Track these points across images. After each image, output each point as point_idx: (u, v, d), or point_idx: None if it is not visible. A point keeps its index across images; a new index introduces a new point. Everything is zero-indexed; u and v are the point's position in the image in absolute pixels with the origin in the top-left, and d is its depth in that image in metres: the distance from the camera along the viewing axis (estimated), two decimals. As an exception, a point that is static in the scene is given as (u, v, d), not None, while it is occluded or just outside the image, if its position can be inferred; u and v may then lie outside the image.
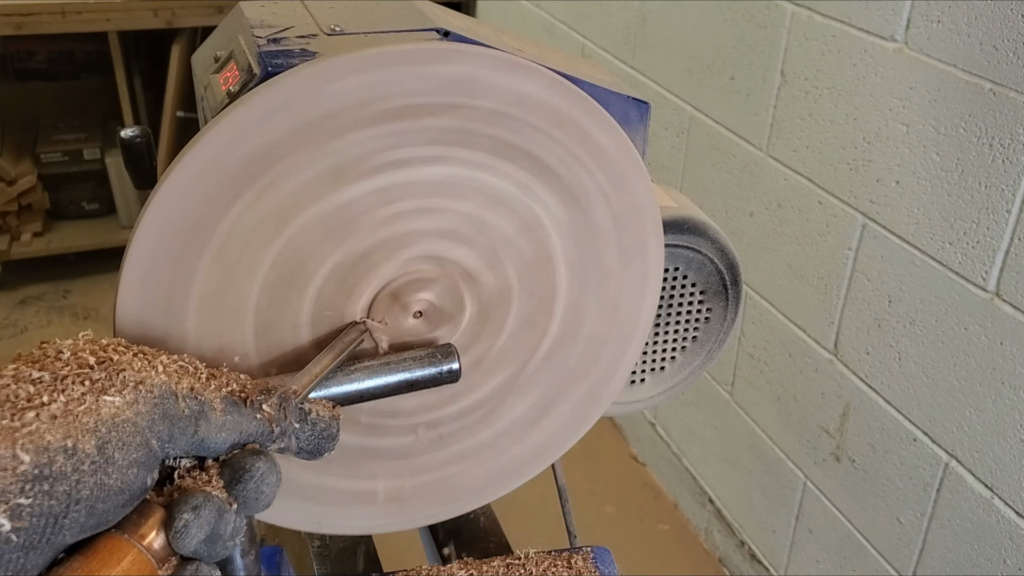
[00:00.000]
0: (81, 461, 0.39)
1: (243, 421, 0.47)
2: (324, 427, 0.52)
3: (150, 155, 0.88)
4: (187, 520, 0.42)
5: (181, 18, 2.63)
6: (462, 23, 0.66)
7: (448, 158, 0.58)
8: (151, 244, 0.53)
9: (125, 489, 0.41)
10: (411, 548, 0.95)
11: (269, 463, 0.47)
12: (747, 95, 1.66)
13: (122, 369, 0.44)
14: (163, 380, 0.45)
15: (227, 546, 0.44)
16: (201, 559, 0.44)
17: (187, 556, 0.43)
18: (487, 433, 0.70)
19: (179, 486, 0.45)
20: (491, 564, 0.72)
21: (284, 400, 0.50)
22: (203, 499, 0.43)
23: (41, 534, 0.37)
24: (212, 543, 0.44)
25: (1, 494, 0.36)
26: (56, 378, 0.42)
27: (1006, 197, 1.19)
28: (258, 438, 0.48)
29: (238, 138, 0.52)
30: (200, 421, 0.45)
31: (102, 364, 0.44)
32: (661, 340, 0.80)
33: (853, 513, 1.57)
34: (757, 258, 1.71)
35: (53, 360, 0.43)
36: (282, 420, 0.49)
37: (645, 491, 2.23)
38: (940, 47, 1.25)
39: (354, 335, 0.59)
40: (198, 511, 0.43)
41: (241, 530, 0.45)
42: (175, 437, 0.44)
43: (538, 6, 2.43)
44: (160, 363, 0.46)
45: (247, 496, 0.46)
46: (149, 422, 0.43)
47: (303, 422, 0.51)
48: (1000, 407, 1.25)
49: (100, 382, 0.43)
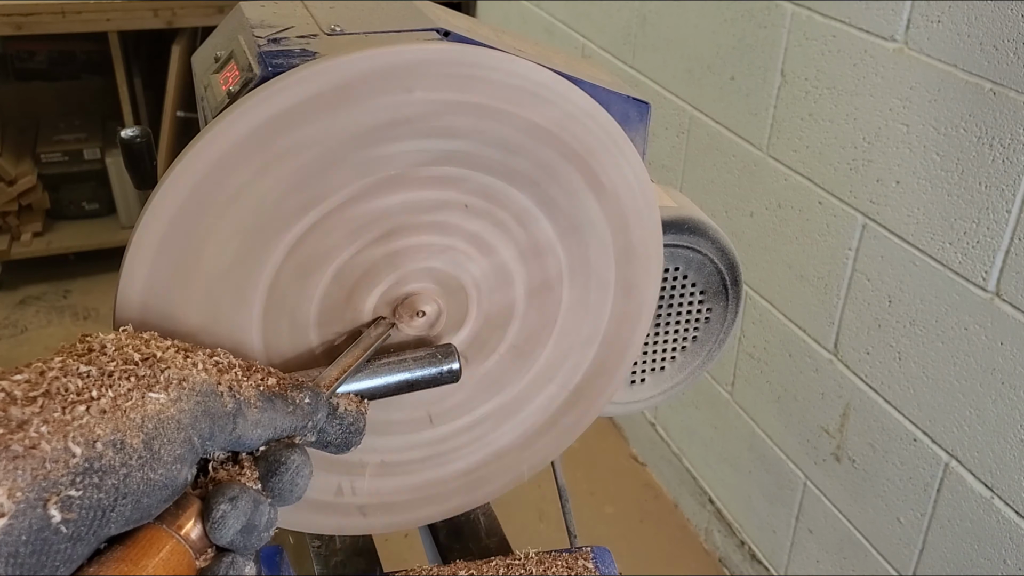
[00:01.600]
0: (129, 456, 0.40)
1: (277, 417, 0.48)
2: (352, 421, 0.53)
3: (150, 155, 0.88)
4: (224, 511, 0.43)
5: (181, 18, 2.63)
6: (462, 23, 0.66)
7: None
8: (152, 244, 0.53)
9: (168, 484, 0.42)
10: (411, 548, 0.95)
11: (303, 456, 0.48)
12: (747, 95, 1.66)
13: (166, 367, 0.44)
14: (204, 378, 0.45)
15: (261, 537, 0.45)
16: (237, 550, 0.44)
17: (223, 547, 0.44)
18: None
19: (214, 478, 0.46)
20: (491, 564, 0.72)
21: (316, 395, 0.51)
22: (240, 490, 0.44)
23: (89, 526, 0.38)
24: (248, 534, 0.44)
25: (53, 485, 0.37)
26: (103, 373, 0.43)
27: (1006, 197, 1.19)
28: (291, 432, 0.49)
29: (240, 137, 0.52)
30: (238, 418, 0.46)
31: (146, 361, 0.45)
32: (661, 340, 0.80)
33: (853, 513, 1.57)
34: (757, 258, 1.71)
35: (98, 355, 0.44)
36: (314, 414, 0.50)
37: (645, 491, 2.23)
38: (940, 47, 1.25)
39: (380, 330, 0.59)
40: (235, 502, 0.44)
41: (275, 522, 0.46)
42: (215, 434, 0.45)
43: (538, 6, 2.43)
44: (200, 359, 0.47)
45: (282, 488, 0.47)
46: (192, 419, 0.43)
47: (332, 416, 0.52)
48: (1000, 407, 1.25)
49: (146, 379, 0.43)
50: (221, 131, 0.52)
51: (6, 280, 2.90)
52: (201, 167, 0.52)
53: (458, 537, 0.82)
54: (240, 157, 0.52)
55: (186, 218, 0.53)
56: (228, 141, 0.52)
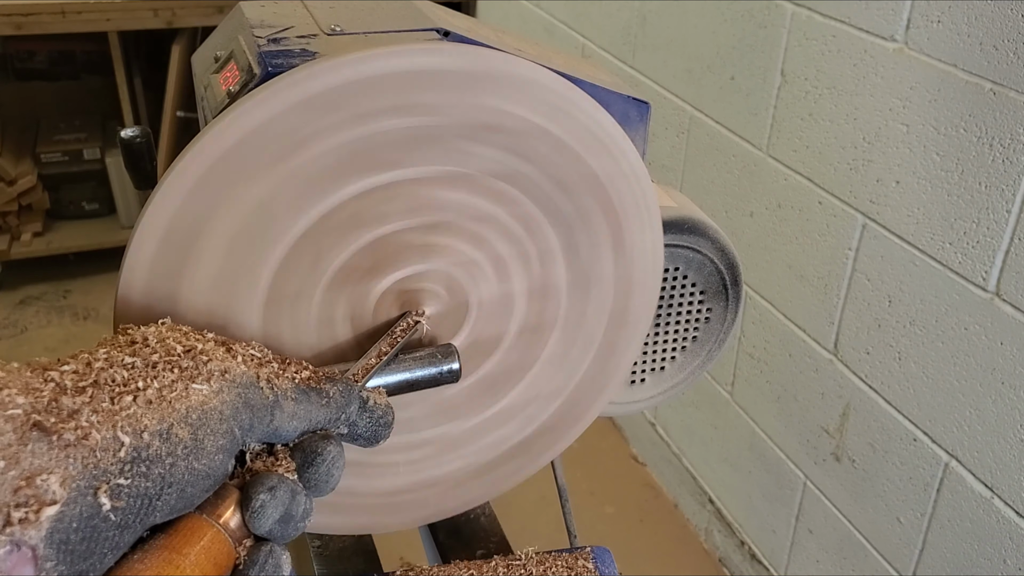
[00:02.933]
0: (175, 446, 0.41)
1: (312, 409, 0.49)
2: (381, 414, 0.54)
3: (150, 155, 0.88)
4: (263, 500, 0.44)
5: (181, 18, 2.63)
6: (462, 23, 0.66)
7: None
8: (152, 244, 0.53)
9: (211, 474, 0.43)
10: (411, 548, 0.95)
11: (338, 447, 0.49)
12: (747, 95, 1.66)
13: (208, 359, 0.45)
14: (244, 370, 0.46)
15: (298, 527, 0.46)
16: (274, 540, 0.45)
17: (261, 536, 0.45)
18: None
19: (251, 469, 0.46)
20: (491, 564, 0.72)
21: (348, 387, 0.51)
22: (278, 480, 0.45)
23: (136, 514, 0.39)
24: (285, 523, 0.45)
25: (103, 474, 0.38)
26: (147, 364, 0.44)
27: (1006, 197, 1.19)
28: (325, 424, 0.50)
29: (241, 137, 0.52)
30: (275, 410, 0.46)
31: (188, 352, 0.45)
32: (661, 340, 0.80)
33: (853, 513, 1.57)
34: (757, 258, 1.71)
35: (141, 346, 0.45)
36: (347, 407, 0.51)
37: (645, 491, 2.23)
38: (940, 47, 1.25)
39: (405, 325, 0.60)
40: (274, 491, 0.44)
41: (311, 512, 0.46)
42: (254, 425, 0.45)
43: (538, 6, 2.43)
44: (240, 352, 0.48)
45: (318, 479, 0.47)
46: (233, 411, 0.44)
47: (363, 409, 0.53)
48: (1000, 407, 1.25)
49: (189, 370, 0.44)
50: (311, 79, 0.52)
51: (6, 280, 2.90)
52: (202, 166, 0.52)
53: (458, 536, 0.82)
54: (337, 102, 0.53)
55: (190, 213, 0.53)
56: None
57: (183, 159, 0.52)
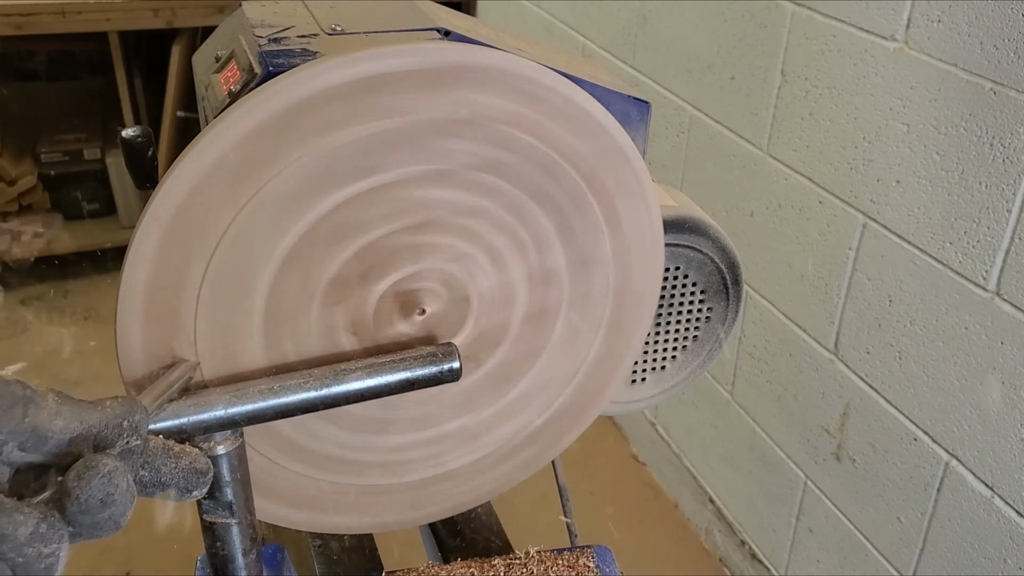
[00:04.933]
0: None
1: (81, 409, 0.42)
2: (191, 461, 0.48)
3: (151, 155, 0.88)
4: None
5: (181, 18, 2.63)
6: (463, 23, 0.67)
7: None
8: (153, 244, 0.53)
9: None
10: (411, 548, 0.95)
11: (117, 463, 0.41)
12: (747, 95, 1.66)
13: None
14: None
15: (22, 551, 0.38)
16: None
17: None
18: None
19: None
20: (492, 563, 0.72)
21: (127, 399, 0.45)
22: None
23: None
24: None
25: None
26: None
27: (1006, 196, 1.19)
28: (103, 431, 0.43)
29: (242, 137, 0.52)
30: (29, 406, 0.40)
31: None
32: (662, 339, 0.80)
33: (854, 513, 1.57)
34: (757, 257, 1.71)
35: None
36: (129, 414, 0.44)
37: (645, 491, 2.23)
38: (940, 47, 1.25)
39: (180, 372, 0.55)
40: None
41: (48, 537, 0.38)
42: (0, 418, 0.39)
43: (538, 6, 2.43)
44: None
45: (88, 498, 0.40)
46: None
47: (166, 455, 0.48)
48: (1001, 406, 1.25)
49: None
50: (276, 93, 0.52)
51: (6, 280, 2.90)
52: (202, 166, 0.52)
53: (459, 536, 0.82)
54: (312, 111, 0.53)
55: (188, 218, 0.53)
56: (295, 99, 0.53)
57: (184, 159, 0.52)
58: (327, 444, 0.65)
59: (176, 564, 1.83)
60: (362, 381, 0.57)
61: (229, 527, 0.58)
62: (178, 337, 0.56)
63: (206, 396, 0.54)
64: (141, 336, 0.55)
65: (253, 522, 0.59)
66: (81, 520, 0.40)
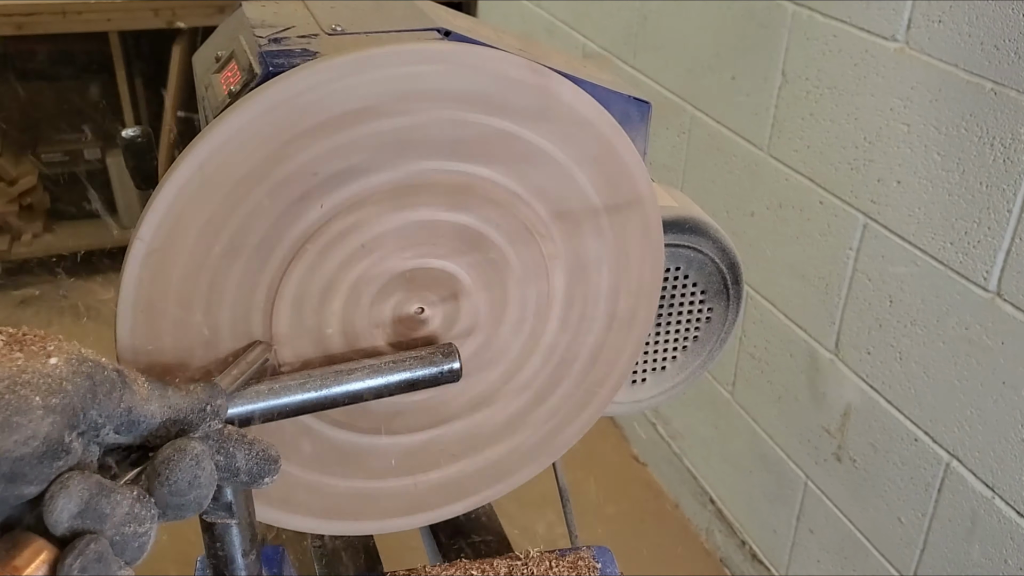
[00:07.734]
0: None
1: (169, 393, 0.45)
2: (263, 448, 0.49)
3: (151, 155, 0.88)
4: (52, 491, 0.39)
5: (182, 18, 2.63)
6: (463, 23, 0.66)
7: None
8: (154, 244, 0.53)
9: (39, 435, 0.39)
10: (412, 548, 0.95)
11: (204, 447, 0.44)
12: (748, 95, 1.66)
13: (41, 340, 0.43)
14: (81, 349, 0.43)
15: (122, 532, 0.40)
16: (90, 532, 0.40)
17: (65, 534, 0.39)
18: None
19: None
20: (492, 563, 0.72)
21: (209, 384, 0.48)
22: (77, 475, 0.40)
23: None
24: (89, 519, 0.39)
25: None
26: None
27: (1007, 197, 1.19)
28: (189, 414, 0.46)
29: (239, 137, 0.52)
30: (124, 391, 0.43)
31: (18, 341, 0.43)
32: (662, 340, 0.80)
33: (854, 513, 1.57)
34: (758, 258, 1.71)
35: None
36: (212, 399, 0.47)
37: (646, 491, 2.23)
38: (941, 47, 1.25)
39: (257, 352, 0.57)
40: (65, 483, 0.39)
41: (142, 517, 0.41)
42: (98, 397, 0.41)
43: (539, 6, 2.43)
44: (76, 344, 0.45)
45: (178, 480, 0.42)
46: (69, 373, 0.40)
47: (240, 441, 0.49)
48: (1001, 407, 1.25)
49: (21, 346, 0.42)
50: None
51: (6, 280, 2.90)
52: (203, 166, 0.52)
53: (459, 536, 0.82)
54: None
55: (187, 217, 0.53)
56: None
57: (184, 159, 0.52)
58: (329, 444, 0.65)
59: (176, 564, 1.83)
60: (362, 382, 0.57)
61: (229, 527, 0.58)
62: (179, 338, 0.56)
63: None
64: (143, 339, 0.55)
65: (253, 522, 0.59)
66: (169, 501, 0.42)
